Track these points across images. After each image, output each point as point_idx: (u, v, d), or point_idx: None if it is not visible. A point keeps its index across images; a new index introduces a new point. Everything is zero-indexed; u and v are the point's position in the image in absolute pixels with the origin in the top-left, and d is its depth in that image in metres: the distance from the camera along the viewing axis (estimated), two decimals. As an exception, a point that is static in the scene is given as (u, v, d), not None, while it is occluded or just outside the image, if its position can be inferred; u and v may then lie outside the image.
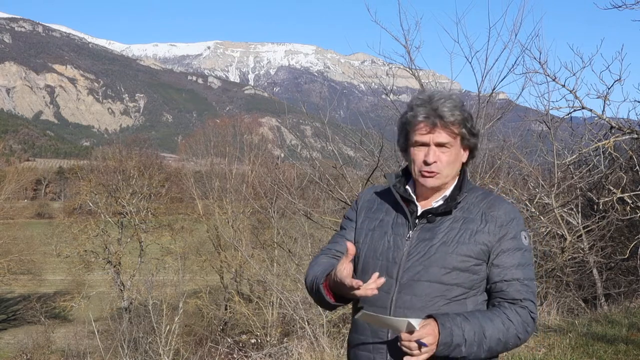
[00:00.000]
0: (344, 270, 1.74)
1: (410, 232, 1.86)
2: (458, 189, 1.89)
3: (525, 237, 1.86)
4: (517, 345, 1.81)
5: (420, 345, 1.65)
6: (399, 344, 1.69)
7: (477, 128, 1.91)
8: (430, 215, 1.86)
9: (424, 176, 1.85)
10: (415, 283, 1.80)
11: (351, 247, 1.76)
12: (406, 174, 1.97)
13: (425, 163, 1.83)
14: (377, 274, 1.75)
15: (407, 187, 1.94)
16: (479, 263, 1.81)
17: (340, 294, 1.84)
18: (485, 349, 1.71)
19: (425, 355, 1.66)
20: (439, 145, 1.82)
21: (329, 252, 2.02)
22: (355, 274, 1.94)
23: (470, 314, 1.75)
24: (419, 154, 1.85)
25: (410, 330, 1.67)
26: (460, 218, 1.85)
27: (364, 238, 1.94)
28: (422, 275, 1.80)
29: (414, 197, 1.91)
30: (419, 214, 1.89)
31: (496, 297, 1.81)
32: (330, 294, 1.87)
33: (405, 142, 1.90)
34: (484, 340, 1.70)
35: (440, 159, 1.83)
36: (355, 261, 1.95)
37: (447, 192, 1.89)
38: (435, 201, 1.89)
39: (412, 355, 1.66)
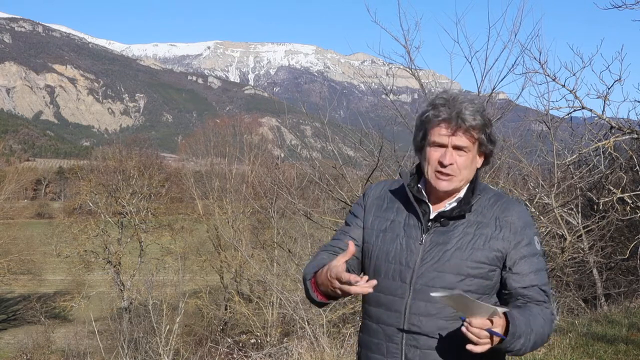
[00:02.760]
0: (340, 266, 1.71)
1: (424, 235, 1.84)
2: (471, 191, 1.86)
3: (538, 242, 1.85)
4: (545, 342, 1.82)
5: (492, 335, 1.60)
6: (463, 329, 1.61)
7: (496, 135, 1.89)
8: (444, 219, 1.84)
9: (438, 178, 1.82)
10: (429, 289, 1.78)
11: (351, 246, 1.74)
12: (418, 172, 1.94)
13: (441, 164, 1.80)
14: (366, 277, 1.73)
15: (419, 185, 1.91)
16: (493, 269, 1.80)
17: (327, 293, 1.82)
18: (532, 342, 1.69)
19: (489, 346, 1.61)
20: (457, 148, 1.80)
21: (331, 248, 1.98)
22: (366, 275, 1.93)
23: (515, 308, 1.74)
24: (435, 154, 1.82)
25: (491, 319, 1.60)
26: (473, 222, 1.82)
27: (374, 239, 1.91)
28: (437, 281, 1.78)
29: (427, 197, 1.88)
30: (431, 216, 1.86)
31: (520, 299, 1.80)
32: (318, 291, 1.85)
33: (422, 141, 1.87)
34: (532, 333, 1.69)
35: (457, 162, 1.80)
36: (366, 263, 1.94)
37: (461, 195, 1.87)
38: (449, 203, 1.86)
39: (478, 344, 1.60)
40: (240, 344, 15.45)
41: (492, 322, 1.61)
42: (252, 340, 15.80)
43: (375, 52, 7.62)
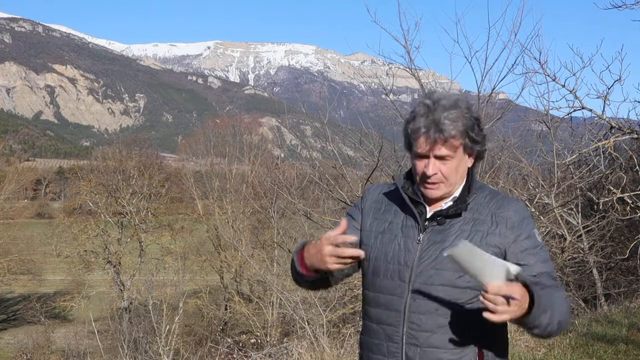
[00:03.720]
0: (335, 234, 1.74)
1: (421, 234, 1.85)
2: (467, 190, 1.87)
3: (537, 235, 1.85)
4: (567, 325, 1.77)
5: (509, 299, 1.51)
6: (480, 298, 1.56)
7: (483, 133, 1.86)
8: (440, 217, 1.85)
9: (425, 187, 1.84)
10: (428, 287, 1.79)
11: (344, 223, 1.77)
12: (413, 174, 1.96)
13: (424, 175, 1.81)
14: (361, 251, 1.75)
15: (415, 188, 1.92)
16: None
17: (312, 266, 1.80)
18: (556, 320, 1.66)
19: (509, 316, 1.55)
20: (438, 157, 1.80)
21: None
22: (366, 276, 1.95)
23: (534, 285, 1.68)
24: (419, 164, 1.83)
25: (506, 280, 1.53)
26: (470, 220, 1.83)
27: (373, 241, 1.92)
28: (435, 279, 1.79)
29: (422, 198, 1.89)
30: (428, 216, 1.87)
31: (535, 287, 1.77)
32: (304, 265, 1.84)
33: (409, 149, 1.88)
34: (556, 310, 1.66)
35: (441, 170, 1.80)
36: (365, 264, 1.95)
37: (457, 194, 1.87)
38: (445, 202, 1.87)
39: (495, 312, 1.54)
40: (240, 344, 15.45)
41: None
42: (252, 340, 15.80)
43: (375, 52, 7.64)
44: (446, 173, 1.81)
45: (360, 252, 1.73)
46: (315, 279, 1.87)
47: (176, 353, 12.48)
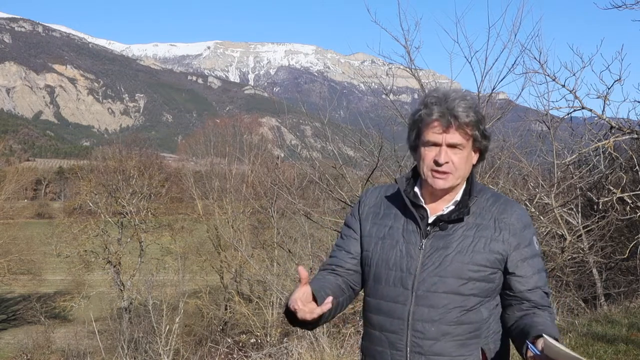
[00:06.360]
0: (298, 297, 1.67)
1: (423, 240, 1.81)
2: (468, 193, 1.84)
3: (536, 242, 1.85)
4: None
5: None
6: None
7: (489, 131, 1.86)
8: (442, 222, 1.82)
9: (434, 177, 1.79)
10: (432, 294, 1.76)
11: (303, 273, 1.68)
12: (414, 176, 1.92)
13: (437, 163, 1.77)
14: (330, 297, 1.69)
15: (416, 189, 1.88)
16: (494, 271, 1.79)
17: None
18: None
19: None
20: (451, 146, 1.77)
21: (329, 267, 1.97)
22: (367, 282, 1.92)
23: (541, 323, 1.72)
24: (429, 153, 1.79)
25: None
26: (472, 225, 1.81)
27: (373, 247, 1.89)
28: (439, 286, 1.76)
29: (423, 201, 1.86)
30: (430, 220, 1.84)
31: (524, 303, 1.80)
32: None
33: (416, 140, 1.84)
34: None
35: (452, 160, 1.77)
36: (366, 270, 1.92)
37: (458, 197, 1.84)
38: (446, 206, 1.84)
39: None
40: (240, 344, 15.44)
41: None
42: (252, 340, 15.79)
43: (375, 52, 7.62)
44: (457, 163, 1.78)
45: (326, 307, 1.67)
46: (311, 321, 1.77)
47: (176, 353, 12.49)
